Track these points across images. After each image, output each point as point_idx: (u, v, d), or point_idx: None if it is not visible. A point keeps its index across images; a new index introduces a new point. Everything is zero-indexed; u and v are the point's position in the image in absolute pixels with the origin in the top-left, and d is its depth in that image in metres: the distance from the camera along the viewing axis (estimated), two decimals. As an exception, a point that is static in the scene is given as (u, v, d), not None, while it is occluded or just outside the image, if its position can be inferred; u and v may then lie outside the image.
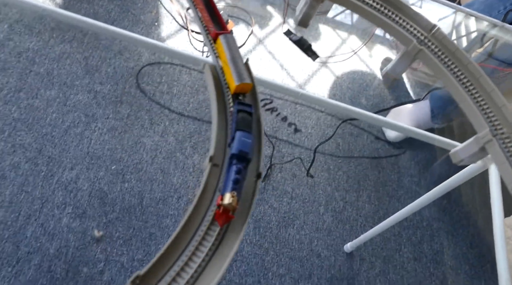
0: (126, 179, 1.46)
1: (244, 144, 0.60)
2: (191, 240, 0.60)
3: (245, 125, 0.63)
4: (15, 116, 1.46)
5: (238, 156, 0.60)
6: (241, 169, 0.59)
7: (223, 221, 0.58)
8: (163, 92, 1.71)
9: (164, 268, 0.56)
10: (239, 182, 0.58)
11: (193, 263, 0.57)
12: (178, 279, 0.55)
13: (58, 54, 1.65)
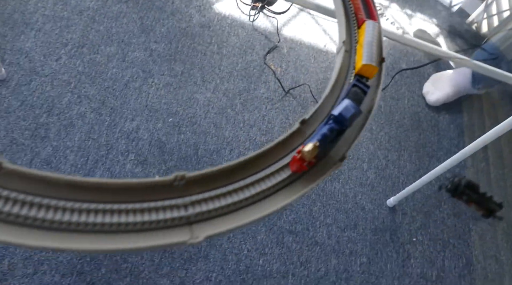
0: (182, 131, 1.55)
1: (347, 110, 0.58)
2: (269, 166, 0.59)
3: (355, 99, 0.61)
4: (79, 70, 1.55)
5: (336, 118, 0.58)
6: (333, 129, 0.58)
7: (295, 168, 0.57)
8: (214, 52, 1.78)
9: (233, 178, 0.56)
10: (326, 138, 0.57)
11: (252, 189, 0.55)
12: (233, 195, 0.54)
13: (116, 13, 1.73)
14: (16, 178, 0.46)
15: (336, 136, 0.59)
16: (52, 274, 1.20)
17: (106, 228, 0.45)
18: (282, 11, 2.01)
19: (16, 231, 0.44)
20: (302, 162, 0.56)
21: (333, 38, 2.04)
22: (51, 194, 0.47)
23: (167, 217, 0.47)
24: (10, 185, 0.46)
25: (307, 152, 0.55)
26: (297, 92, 1.79)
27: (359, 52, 0.70)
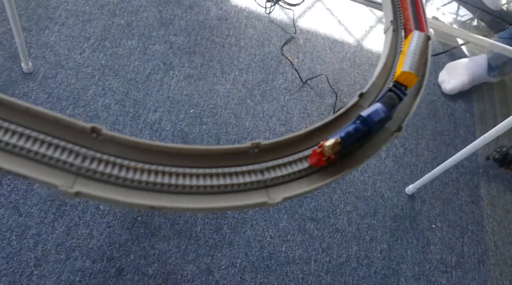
0: (204, 122, 1.58)
1: (376, 114, 0.58)
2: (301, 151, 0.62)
3: (388, 103, 0.61)
4: (102, 63, 1.59)
5: (364, 120, 0.58)
6: (359, 129, 0.58)
7: (314, 162, 0.58)
8: (232, 44, 1.80)
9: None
10: (350, 136, 0.57)
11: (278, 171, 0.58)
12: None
13: (135, 7, 1.76)
14: (113, 144, 0.52)
15: (362, 137, 0.59)
16: (83, 260, 1.24)
17: (194, 190, 0.50)
18: (298, 3, 2.03)
19: (118, 191, 0.50)
20: (322, 156, 0.56)
21: (348, 29, 2.05)
22: (144, 159, 0.53)
23: (246, 181, 0.51)
24: (107, 150, 0.51)
25: (328, 146, 0.55)
26: (314, 82, 1.81)
27: (401, 60, 0.70)
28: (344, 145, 0.57)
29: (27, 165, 0.49)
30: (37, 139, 0.51)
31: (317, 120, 1.71)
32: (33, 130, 0.51)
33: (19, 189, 1.28)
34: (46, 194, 1.29)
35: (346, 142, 0.57)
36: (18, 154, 0.49)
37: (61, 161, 0.50)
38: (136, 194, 0.50)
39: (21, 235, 1.22)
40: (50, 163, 0.50)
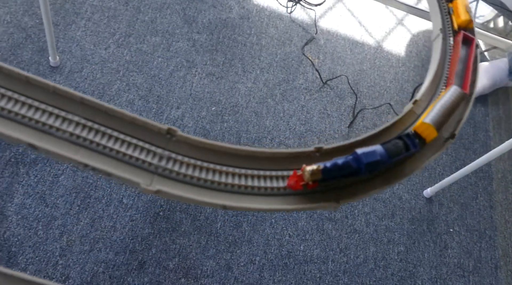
0: (225, 120, 1.60)
1: (371, 155, 0.56)
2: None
3: (391, 150, 0.59)
4: (127, 59, 1.61)
5: (356, 157, 0.57)
6: (348, 165, 0.56)
7: (291, 183, 0.56)
8: (253, 43, 1.81)
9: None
10: (335, 169, 0.55)
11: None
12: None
13: (160, 4, 1.78)
14: (186, 145, 0.56)
15: (349, 174, 0.57)
16: (107, 252, 1.26)
17: (262, 192, 0.53)
18: (319, 3, 2.03)
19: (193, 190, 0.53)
20: (300, 180, 0.55)
21: (369, 30, 2.05)
22: (215, 160, 0.56)
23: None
24: (181, 150, 0.55)
25: (308, 172, 0.54)
26: (335, 83, 1.82)
27: (427, 111, 0.66)
28: (327, 176, 0.55)
29: (110, 163, 0.52)
30: (118, 138, 0.54)
31: (336, 121, 1.72)
32: (114, 129, 0.54)
33: (45, 180, 1.31)
34: (71, 186, 1.32)
35: (329, 173, 0.55)
36: (102, 152, 0.52)
37: (141, 160, 0.53)
38: (209, 194, 0.53)
39: (47, 225, 1.25)
40: (131, 162, 0.53)
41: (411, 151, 0.61)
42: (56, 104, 0.54)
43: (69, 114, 0.53)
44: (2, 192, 1.26)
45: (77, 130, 0.51)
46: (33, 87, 0.55)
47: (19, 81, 0.54)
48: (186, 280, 1.28)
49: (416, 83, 1.94)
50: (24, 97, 0.53)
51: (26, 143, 0.49)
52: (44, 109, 0.52)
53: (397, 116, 0.66)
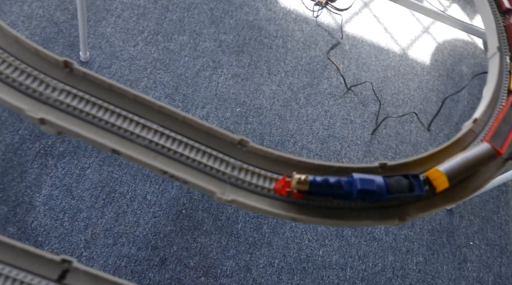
0: (249, 121, 1.60)
1: (367, 184, 0.55)
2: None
3: (392, 184, 0.58)
4: (154, 56, 1.63)
5: (351, 181, 0.56)
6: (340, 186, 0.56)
7: (277, 187, 0.56)
8: (279, 46, 1.82)
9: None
10: (324, 185, 0.55)
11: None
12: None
13: (188, 3, 1.79)
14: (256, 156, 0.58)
15: (338, 194, 0.56)
16: (130, 247, 1.28)
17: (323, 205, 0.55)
18: (345, 8, 2.03)
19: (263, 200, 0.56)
20: (287, 186, 0.55)
21: (394, 37, 2.05)
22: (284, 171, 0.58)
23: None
24: (251, 161, 0.57)
25: (296, 180, 0.53)
26: (359, 89, 1.81)
27: (446, 160, 0.65)
28: (314, 189, 0.55)
29: (186, 170, 0.54)
30: (193, 147, 0.56)
31: (359, 127, 1.72)
32: (189, 138, 0.56)
33: (72, 172, 1.33)
34: (97, 180, 1.34)
35: (317, 187, 0.54)
36: (178, 160, 0.54)
37: (215, 169, 0.54)
38: (278, 205, 0.54)
39: (73, 217, 1.27)
40: (205, 171, 0.55)
41: (415, 193, 0.59)
42: (136, 111, 0.56)
43: (148, 121, 0.55)
44: (31, 182, 1.28)
45: (156, 137, 0.53)
46: (115, 94, 0.57)
47: (102, 88, 0.56)
48: (206, 278, 1.29)
49: (441, 92, 1.92)
50: (107, 103, 0.54)
51: (110, 148, 0.51)
52: (125, 116, 0.54)
53: (457, 135, 0.66)
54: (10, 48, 0.55)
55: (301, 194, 0.54)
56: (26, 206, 1.25)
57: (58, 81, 0.56)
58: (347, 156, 1.64)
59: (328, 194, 0.56)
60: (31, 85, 0.54)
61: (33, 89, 0.54)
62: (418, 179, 0.60)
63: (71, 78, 0.56)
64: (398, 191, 0.58)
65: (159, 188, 1.39)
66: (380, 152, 1.68)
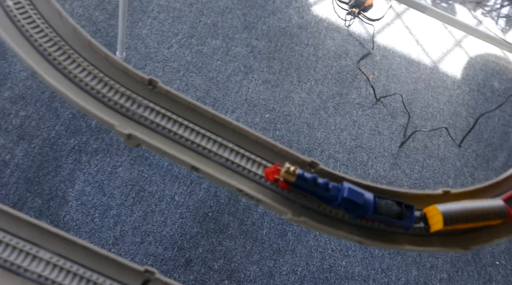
0: (278, 128, 1.61)
1: (355, 195, 0.55)
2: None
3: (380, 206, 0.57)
4: (188, 59, 1.65)
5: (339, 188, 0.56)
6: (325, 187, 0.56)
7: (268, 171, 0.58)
8: (310, 54, 1.82)
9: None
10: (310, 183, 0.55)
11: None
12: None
13: (222, 8, 1.81)
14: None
15: (320, 196, 0.56)
16: (156, 246, 1.30)
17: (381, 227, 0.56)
18: (377, 18, 2.03)
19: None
20: (276, 173, 0.56)
21: (426, 49, 2.03)
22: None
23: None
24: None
25: (286, 168, 0.54)
26: (388, 100, 1.80)
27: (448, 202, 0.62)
28: (300, 184, 0.55)
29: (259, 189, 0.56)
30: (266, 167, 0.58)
31: (387, 139, 1.71)
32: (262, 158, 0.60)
33: (105, 170, 1.36)
34: (128, 178, 1.37)
35: (303, 182, 0.55)
36: (253, 179, 0.57)
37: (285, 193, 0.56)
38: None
39: (103, 213, 1.30)
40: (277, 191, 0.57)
41: (402, 222, 0.58)
42: (213, 130, 0.58)
43: (224, 140, 0.57)
44: (65, 177, 1.32)
45: (231, 156, 0.55)
46: (194, 112, 0.59)
47: (182, 106, 0.58)
48: (229, 282, 1.30)
49: (471, 108, 1.90)
50: (187, 121, 0.57)
51: (190, 165, 0.53)
52: (203, 134, 0.56)
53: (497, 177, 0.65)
54: (100, 64, 0.57)
55: (287, 185, 0.56)
56: (60, 200, 1.28)
57: (142, 98, 0.58)
58: (373, 168, 1.63)
59: (312, 193, 0.56)
60: (119, 100, 0.56)
61: (121, 104, 0.57)
62: (411, 211, 0.59)
63: (154, 96, 0.59)
64: (384, 214, 0.57)
65: (187, 189, 1.41)
66: (407, 165, 1.67)
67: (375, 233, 0.56)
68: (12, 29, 0.54)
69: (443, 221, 0.57)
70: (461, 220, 0.58)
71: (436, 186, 1.66)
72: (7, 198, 1.25)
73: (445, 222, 0.57)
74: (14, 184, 1.27)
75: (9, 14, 0.55)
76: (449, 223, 0.57)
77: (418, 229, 0.59)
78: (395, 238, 0.56)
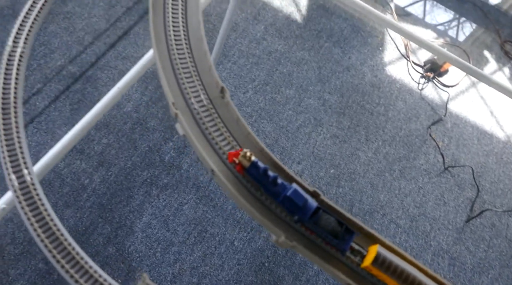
0: (341, 185, 1.61)
1: (297, 197, 0.58)
2: None
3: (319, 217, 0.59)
4: (261, 106, 1.70)
5: (288, 186, 0.59)
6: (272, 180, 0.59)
7: (232, 153, 0.62)
8: (380, 113, 1.82)
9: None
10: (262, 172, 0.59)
11: None
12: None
13: (299, 59, 1.87)
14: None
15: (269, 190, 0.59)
16: (211, 290, 1.31)
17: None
18: (452, 85, 2.00)
19: None
20: (235, 156, 0.59)
21: (500, 122, 1.97)
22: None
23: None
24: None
25: (243, 152, 0.58)
26: (456, 171, 1.75)
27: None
28: (252, 170, 0.58)
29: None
30: None
31: (452, 211, 1.65)
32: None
33: (171, 205, 1.41)
34: (192, 217, 1.40)
35: (255, 170, 0.58)
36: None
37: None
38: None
39: (165, 249, 1.33)
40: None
41: (336, 241, 0.59)
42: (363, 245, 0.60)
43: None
44: (134, 208, 1.37)
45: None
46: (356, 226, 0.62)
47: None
48: None
49: (545, 189, 1.81)
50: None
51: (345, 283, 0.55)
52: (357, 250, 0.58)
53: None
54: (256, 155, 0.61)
55: (242, 169, 0.59)
56: (127, 230, 1.33)
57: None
58: (436, 239, 1.57)
59: (261, 183, 0.59)
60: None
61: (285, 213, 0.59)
62: (349, 235, 0.59)
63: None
64: (320, 226, 0.59)
65: (247, 235, 1.42)
66: (471, 241, 1.60)
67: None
68: (196, 128, 0.59)
69: (373, 258, 0.57)
70: (390, 271, 0.57)
71: (502, 269, 1.57)
72: (81, 221, 1.31)
73: (374, 260, 0.57)
74: (88, 208, 1.34)
75: (195, 116, 0.60)
76: (377, 264, 0.57)
77: (353, 261, 0.59)
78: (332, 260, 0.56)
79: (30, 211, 0.58)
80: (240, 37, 1.85)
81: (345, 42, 1.98)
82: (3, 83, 0.63)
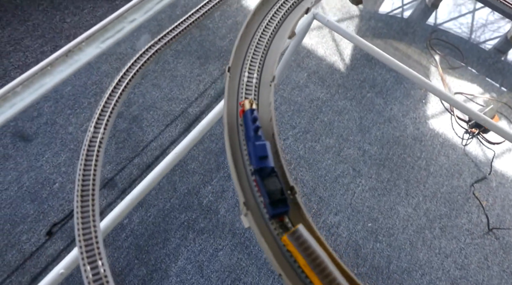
0: (379, 240, 1.56)
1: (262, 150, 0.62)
2: None
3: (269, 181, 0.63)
4: (300, 153, 1.70)
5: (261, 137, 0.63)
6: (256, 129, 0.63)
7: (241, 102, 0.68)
8: (421, 168, 1.79)
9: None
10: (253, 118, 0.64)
11: None
12: None
13: (340, 108, 1.87)
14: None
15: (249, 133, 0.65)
16: None
17: None
18: (498, 142, 1.95)
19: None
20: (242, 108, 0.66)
21: (548, 184, 1.89)
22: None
23: None
24: None
25: (250, 99, 0.66)
26: (501, 233, 1.68)
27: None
28: (247, 115, 0.65)
29: None
30: None
31: (497, 276, 1.57)
32: None
33: (207, 251, 1.40)
34: (227, 264, 1.39)
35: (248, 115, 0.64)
36: None
37: None
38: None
39: (198, 296, 1.32)
40: None
41: (268, 201, 0.61)
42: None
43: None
44: (170, 251, 1.38)
45: None
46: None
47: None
48: None
49: None
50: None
51: None
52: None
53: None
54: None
55: (241, 113, 0.66)
56: (162, 274, 1.33)
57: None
58: (478, 307, 1.49)
59: (247, 127, 0.65)
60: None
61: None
62: (283, 207, 0.61)
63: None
64: (265, 185, 0.61)
65: (279, 287, 1.39)
66: None
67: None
68: (263, 225, 0.60)
69: (291, 232, 0.57)
70: (302, 248, 0.57)
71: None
72: (118, 261, 1.33)
73: (291, 233, 0.57)
74: (126, 248, 1.35)
75: (262, 212, 0.62)
76: (292, 238, 0.57)
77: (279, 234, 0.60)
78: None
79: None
80: (283, 83, 1.88)
81: (388, 93, 1.98)
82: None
